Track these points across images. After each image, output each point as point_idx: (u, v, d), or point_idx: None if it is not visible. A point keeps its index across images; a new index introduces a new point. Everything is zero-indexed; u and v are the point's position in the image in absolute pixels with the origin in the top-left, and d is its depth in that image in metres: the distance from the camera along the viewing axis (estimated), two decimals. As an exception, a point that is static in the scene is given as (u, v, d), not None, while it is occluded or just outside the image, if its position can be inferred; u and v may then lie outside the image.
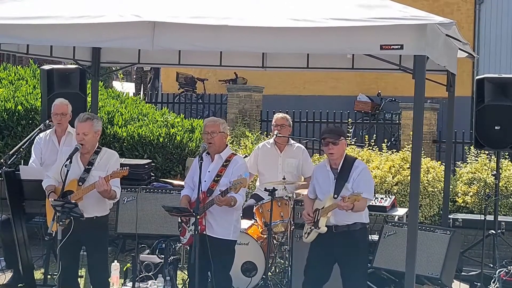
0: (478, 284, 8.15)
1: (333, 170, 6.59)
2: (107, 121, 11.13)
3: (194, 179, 6.57)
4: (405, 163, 10.28)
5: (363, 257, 6.65)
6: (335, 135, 6.55)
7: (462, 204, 10.12)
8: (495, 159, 9.30)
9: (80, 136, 6.56)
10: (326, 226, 6.48)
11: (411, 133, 6.27)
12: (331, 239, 6.50)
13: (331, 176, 6.58)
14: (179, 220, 6.72)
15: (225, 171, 6.55)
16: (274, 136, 8.54)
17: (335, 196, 6.45)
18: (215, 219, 6.51)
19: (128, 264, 8.00)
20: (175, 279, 7.79)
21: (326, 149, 6.55)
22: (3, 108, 11.06)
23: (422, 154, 7.42)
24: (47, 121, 8.37)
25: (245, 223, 7.82)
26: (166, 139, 10.84)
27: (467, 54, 8.03)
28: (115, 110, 11.50)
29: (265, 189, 7.80)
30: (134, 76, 20.88)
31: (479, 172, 10.36)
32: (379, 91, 16.33)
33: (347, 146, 11.07)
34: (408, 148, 10.24)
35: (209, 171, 6.61)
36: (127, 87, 20.41)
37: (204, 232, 6.44)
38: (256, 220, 8.10)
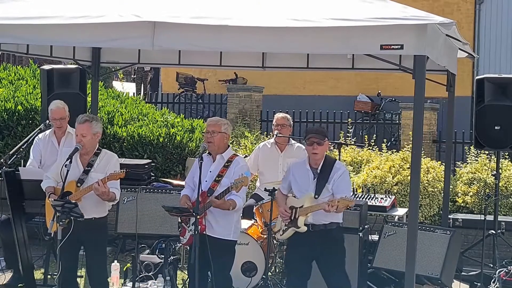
0: (478, 284, 8.15)
1: (313, 170, 6.60)
2: (107, 121, 11.13)
3: (195, 179, 6.56)
4: (405, 163, 10.28)
5: (341, 254, 6.66)
6: (320, 135, 6.58)
7: (462, 204, 10.13)
8: (495, 159, 9.30)
9: (79, 137, 6.56)
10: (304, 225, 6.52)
11: (411, 133, 6.27)
12: (308, 238, 6.53)
13: (311, 175, 6.59)
14: (179, 220, 6.72)
15: (227, 171, 6.54)
16: (275, 136, 8.54)
17: (316, 196, 6.46)
18: (216, 219, 6.51)
19: (128, 264, 8.00)
20: (175, 279, 7.79)
21: (310, 148, 6.58)
22: (3, 108, 11.06)
23: (422, 154, 7.42)
24: (47, 121, 8.37)
25: (245, 223, 7.82)
26: (166, 139, 10.85)
27: (467, 54, 8.03)
28: (115, 110, 11.50)
29: (265, 189, 7.78)
30: (134, 76, 20.86)
31: (479, 172, 10.37)
32: (379, 91, 16.33)
33: (347, 146, 11.16)
34: (408, 148, 10.24)
35: (210, 171, 6.60)
36: (127, 87, 20.42)
37: (204, 232, 6.44)
38: (256, 220, 8.10)
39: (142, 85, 20.02)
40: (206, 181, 6.55)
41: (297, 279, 6.64)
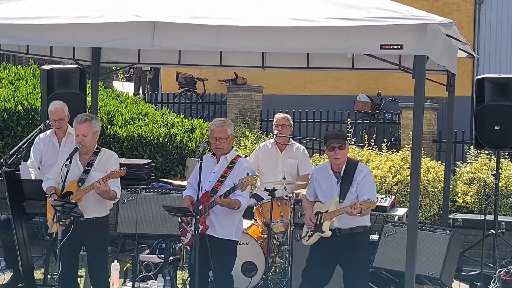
0: (478, 284, 8.15)
1: (336, 174, 6.54)
2: (107, 121, 11.13)
3: (197, 180, 6.55)
4: (405, 163, 10.29)
5: (366, 259, 6.64)
6: (340, 139, 6.50)
7: (462, 204, 10.13)
8: (495, 159, 9.30)
9: (80, 137, 6.55)
10: (329, 229, 6.48)
11: (411, 133, 6.27)
12: (334, 242, 6.48)
13: (334, 180, 6.54)
14: (179, 220, 6.72)
15: (230, 172, 6.53)
16: (275, 136, 8.54)
17: (341, 200, 6.42)
18: (218, 219, 6.51)
19: (128, 264, 8.00)
20: (175, 279, 7.80)
21: (332, 154, 6.47)
22: (3, 108, 11.06)
23: (422, 154, 7.42)
24: (47, 121, 8.36)
25: (245, 223, 7.80)
26: (166, 139, 10.85)
27: (467, 54, 8.03)
28: (115, 110, 11.50)
29: (265, 189, 7.79)
30: (128, 75, 20.87)
31: (479, 172, 10.37)
32: (379, 91, 16.35)
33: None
34: (408, 148, 10.24)
35: (214, 172, 6.59)
36: (127, 87, 20.43)
37: (206, 232, 6.44)
38: (256, 220, 8.10)
39: (141, 85, 20.03)
40: (209, 181, 6.55)
41: (311, 284, 6.58)
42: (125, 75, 23.35)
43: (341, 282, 6.59)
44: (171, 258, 7.80)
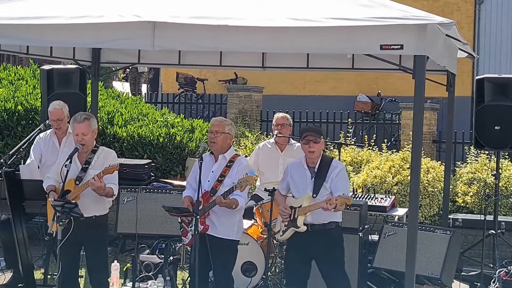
0: (478, 284, 8.15)
1: (310, 169, 6.59)
2: (107, 121, 11.14)
3: (197, 179, 6.55)
4: (405, 163, 10.29)
5: (341, 254, 6.66)
6: (316, 133, 6.57)
7: (462, 204, 10.13)
8: (495, 159, 9.30)
9: (80, 137, 6.55)
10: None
11: (411, 133, 6.27)
12: (308, 238, 6.52)
13: (308, 175, 6.58)
14: (179, 221, 6.72)
15: (229, 171, 6.54)
16: (275, 136, 8.54)
17: (314, 195, 6.46)
18: (219, 219, 6.51)
19: (128, 264, 8.00)
20: (175, 279, 7.79)
21: (306, 147, 6.56)
22: (3, 108, 11.06)
23: (422, 154, 7.42)
24: (47, 121, 8.36)
25: (245, 223, 7.79)
26: (166, 139, 10.84)
27: (467, 54, 8.03)
28: (115, 110, 11.50)
29: (265, 189, 7.78)
30: (129, 76, 20.86)
31: (479, 172, 10.37)
32: (379, 91, 16.34)
33: (347, 146, 11.16)
34: (408, 148, 10.24)
35: (212, 171, 6.60)
36: (127, 87, 20.42)
37: (207, 232, 6.44)
38: (256, 220, 8.10)
39: (136, 85, 20.03)
40: (208, 181, 6.55)
41: (296, 279, 6.64)
42: (122, 74, 23.34)
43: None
44: (171, 258, 7.79)
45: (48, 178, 6.71)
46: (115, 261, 7.64)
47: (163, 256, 7.76)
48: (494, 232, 8.78)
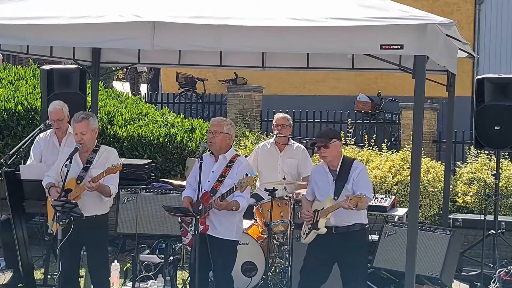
0: (478, 284, 8.15)
1: (332, 172, 6.58)
2: (107, 121, 11.13)
3: (197, 179, 6.54)
4: (405, 163, 10.29)
5: (363, 257, 6.65)
6: (324, 138, 6.56)
7: (462, 204, 10.13)
8: (495, 159, 9.30)
9: (79, 136, 6.56)
10: (325, 227, 6.48)
11: (411, 133, 6.27)
12: (331, 240, 6.49)
13: (330, 178, 6.58)
14: (179, 221, 6.72)
15: (229, 171, 6.53)
16: (275, 136, 8.54)
17: (335, 197, 6.44)
18: (219, 219, 6.50)
19: (128, 264, 8.00)
20: (175, 279, 7.80)
21: (319, 153, 6.59)
22: (3, 108, 11.06)
23: (422, 154, 7.42)
24: (47, 121, 8.35)
25: (245, 223, 7.80)
26: (166, 139, 10.84)
27: (467, 54, 8.03)
28: (115, 110, 11.50)
29: (265, 189, 7.80)
30: (128, 76, 20.87)
31: (479, 172, 10.36)
32: (379, 91, 16.34)
33: (347, 146, 11.16)
34: (408, 148, 10.24)
35: (213, 171, 6.59)
36: (127, 87, 20.43)
37: (207, 232, 6.44)
38: (256, 220, 8.10)
39: (136, 85, 20.02)
40: (208, 181, 6.54)
41: (311, 282, 6.59)
42: (122, 74, 23.35)
43: (340, 281, 6.59)
44: (171, 258, 7.80)
45: (47, 177, 6.72)
46: (115, 261, 7.65)
47: (163, 256, 7.76)
48: (494, 232, 8.78)
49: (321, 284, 6.60)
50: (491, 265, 8.55)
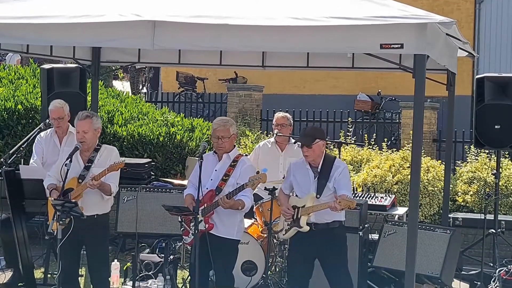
0: (478, 283, 8.15)
1: (313, 169, 6.59)
2: (107, 120, 11.14)
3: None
4: (405, 162, 10.29)
5: (344, 253, 6.66)
6: (307, 138, 6.55)
7: (462, 203, 10.13)
8: (495, 158, 9.30)
9: (80, 134, 6.57)
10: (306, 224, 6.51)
11: (411, 132, 6.27)
12: (311, 237, 6.52)
13: (311, 175, 6.58)
14: (179, 220, 6.71)
15: (233, 171, 6.53)
16: (275, 135, 8.54)
17: (318, 196, 6.46)
18: (221, 218, 6.50)
19: (128, 264, 8.00)
20: (175, 278, 7.80)
21: (302, 151, 6.59)
22: (3, 107, 11.06)
23: (422, 153, 7.42)
24: (47, 120, 8.35)
25: (245, 222, 7.81)
26: (166, 138, 10.85)
27: (467, 53, 8.02)
28: (115, 109, 11.50)
29: (265, 188, 7.79)
30: (128, 75, 20.87)
31: (479, 171, 10.37)
32: (379, 90, 16.33)
33: (347, 145, 11.15)
34: (408, 147, 10.25)
35: (216, 170, 6.58)
36: (127, 87, 20.44)
37: (210, 232, 6.44)
38: (256, 219, 8.10)
39: (135, 83, 20.02)
40: (211, 179, 6.54)
41: (298, 278, 6.64)
42: (123, 74, 23.34)
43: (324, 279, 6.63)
44: (171, 257, 7.80)
45: (49, 176, 6.73)
46: (115, 260, 7.65)
47: (163, 255, 7.76)
48: (494, 231, 8.78)
49: (308, 279, 6.64)
50: (491, 264, 8.56)
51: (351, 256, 7.03)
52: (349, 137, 12.59)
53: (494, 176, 9.21)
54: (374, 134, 13.64)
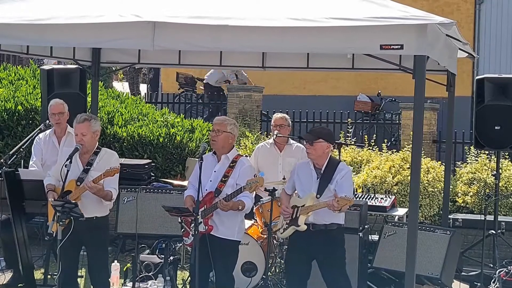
0: (478, 284, 8.15)
1: (317, 170, 6.62)
2: (107, 121, 11.13)
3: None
4: (405, 163, 10.29)
5: (341, 255, 6.66)
6: (311, 135, 6.59)
7: (462, 204, 10.13)
8: (495, 159, 9.30)
9: (79, 137, 6.56)
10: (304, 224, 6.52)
11: (411, 133, 6.27)
12: (308, 237, 6.54)
13: (314, 175, 6.60)
14: (179, 221, 6.70)
15: (232, 172, 6.52)
16: (274, 136, 8.54)
17: (318, 196, 6.47)
18: (221, 219, 6.50)
19: (128, 264, 8.00)
20: (175, 279, 7.79)
21: (305, 147, 6.65)
22: (3, 108, 11.05)
23: (422, 154, 7.42)
24: (47, 121, 8.36)
25: (245, 223, 7.81)
26: (166, 139, 10.84)
27: (467, 54, 8.03)
28: (115, 110, 11.50)
29: (265, 189, 7.79)
30: (127, 76, 20.85)
31: (479, 172, 10.37)
32: (379, 91, 16.33)
33: (347, 146, 11.15)
34: (408, 148, 10.24)
35: (214, 171, 6.58)
36: (127, 87, 20.42)
37: (210, 233, 6.43)
38: (256, 220, 8.10)
39: (135, 84, 20.02)
40: (210, 180, 6.54)
41: (297, 279, 6.65)
42: (123, 75, 23.34)
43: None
44: (171, 258, 7.79)
45: (49, 176, 6.73)
46: (115, 261, 7.64)
47: (163, 256, 7.75)
48: (494, 232, 8.78)
49: (306, 279, 6.64)
50: (491, 265, 8.56)
51: (351, 257, 7.04)
52: (349, 138, 12.59)
53: (494, 177, 9.21)
54: (374, 135, 13.64)
